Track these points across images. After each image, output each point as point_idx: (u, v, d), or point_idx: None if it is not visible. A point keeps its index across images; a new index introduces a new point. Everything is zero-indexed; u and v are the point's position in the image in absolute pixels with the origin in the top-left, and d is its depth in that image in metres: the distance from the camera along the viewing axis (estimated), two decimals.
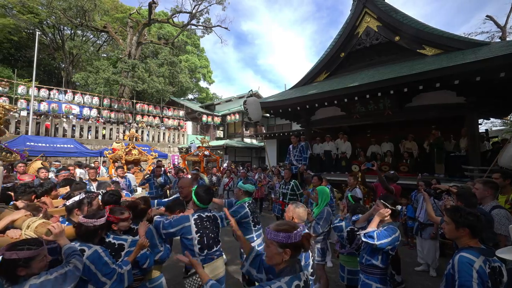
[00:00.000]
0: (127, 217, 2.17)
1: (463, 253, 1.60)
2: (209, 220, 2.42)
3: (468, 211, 1.71)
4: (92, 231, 1.85)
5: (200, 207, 2.44)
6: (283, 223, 1.41)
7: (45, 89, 15.17)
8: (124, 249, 2.09)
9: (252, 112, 6.92)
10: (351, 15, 8.41)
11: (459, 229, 1.68)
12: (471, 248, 1.62)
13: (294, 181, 5.43)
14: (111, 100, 17.92)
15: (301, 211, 2.15)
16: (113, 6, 24.85)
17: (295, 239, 1.29)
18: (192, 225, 2.29)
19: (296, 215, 2.13)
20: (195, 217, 2.33)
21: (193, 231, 2.27)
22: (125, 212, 2.18)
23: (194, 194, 2.45)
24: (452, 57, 6.00)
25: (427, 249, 4.10)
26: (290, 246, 1.29)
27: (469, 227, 1.65)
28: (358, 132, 10.10)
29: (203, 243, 2.30)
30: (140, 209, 2.44)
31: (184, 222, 2.28)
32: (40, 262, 1.44)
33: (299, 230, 1.33)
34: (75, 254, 1.64)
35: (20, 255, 1.36)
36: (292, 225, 1.37)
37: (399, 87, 5.96)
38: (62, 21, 19.15)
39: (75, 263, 1.58)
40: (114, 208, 2.20)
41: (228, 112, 21.18)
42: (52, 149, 10.65)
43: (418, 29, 6.99)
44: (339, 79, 8.34)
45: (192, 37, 29.03)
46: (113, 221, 2.11)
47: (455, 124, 7.21)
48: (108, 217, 2.09)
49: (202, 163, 9.85)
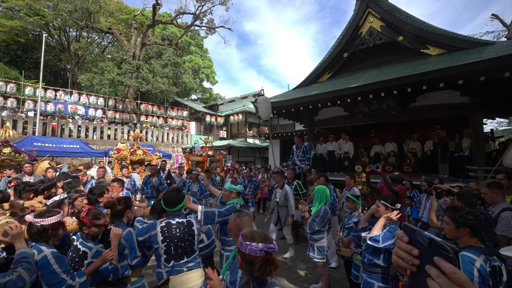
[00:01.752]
0: (101, 224, 2.03)
1: (464, 252, 1.61)
2: (179, 227, 2.20)
3: (468, 211, 1.73)
4: (41, 231, 1.68)
5: (168, 211, 2.27)
6: (255, 232, 1.28)
7: (51, 90, 15.41)
8: (87, 258, 1.95)
9: (262, 110, 6.95)
10: (354, 15, 8.40)
11: (460, 228, 1.70)
12: (472, 248, 1.63)
13: (297, 181, 5.46)
14: (116, 101, 18.12)
15: (244, 221, 1.77)
16: (117, 7, 25.13)
17: (244, 250, 1.19)
18: (158, 233, 2.12)
19: (237, 226, 1.74)
20: (162, 225, 2.17)
21: (159, 239, 2.10)
22: (102, 218, 2.04)
23: (163, 203, 2.28)
24: (456, 57, 5.97)
25: None
26: (240, 254, 1.22)
27: (469, 227, 1.67)
28: (361, 132, 10.07)
29: (170, 253, 2.12)
30: (116, 210, 2.33)
31: (150, 230, 2.14)
32: None
33: (254, 245, 1.18)
34: (24, 261, 1.47)
35: None
36: (255, 236, 1.23)
37: (403, 87, 5.95)
38: (68, 23, 19.43)
39: (20, 272, 1.42)
40: (93, 210, 2.05)
41: (232, 113, 21.25)
42: (59, 149, 10.81)
43: (422, 28, 6.96)
44: (342, 79, 8.34)
45: (196, 37, 29.19)
46: (86, 223, 1.97)
47: (459, 124, 7.16)
48: (82, 217, 1.98)
49: (206, 163, 9.92)
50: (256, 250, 1.17)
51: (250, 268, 1.19)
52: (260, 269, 1.17)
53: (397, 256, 0.58)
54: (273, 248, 1.19)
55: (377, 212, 2.55)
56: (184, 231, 2.21)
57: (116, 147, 10.43)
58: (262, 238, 1.23)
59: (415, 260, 0.54)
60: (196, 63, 28.32)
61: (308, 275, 4.12)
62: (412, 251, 0.55)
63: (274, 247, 1.20)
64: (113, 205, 2.33)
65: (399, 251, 0.58)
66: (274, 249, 1.20)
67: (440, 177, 6.03)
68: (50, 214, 1.74)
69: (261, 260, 1.17)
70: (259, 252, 1.17)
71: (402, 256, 0.57)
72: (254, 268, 1.17)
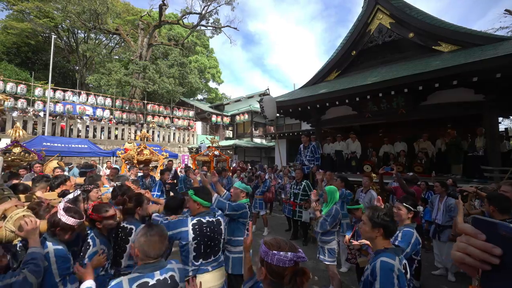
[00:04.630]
0: (111, 215, 2.03)
1: (383, 258, 1.55)
2: (210, 226, 2.20)
3: (385, 212, 1.69)
4: (51, 224, 1.72)
5: (203, 205, 2.24)
6: (279, 239, 1.18)
7: (60, 91, 15.65)
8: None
9: (268, 110, 6.88)
10: (363, 12, 8.24)
11: (374, 229, 1.67)
12: (387, 250, 1.60)
13: (306, 181, 5.36)
14: (123, 101, 18.30)
15: (152, 241, 1.46)
16: (124, 9, 25.40)
17: (271, 261, 1.06)
18: (190, 230, 2.10)
19: (141, 248, 1.43)
20: (193, 222, 2.14)
21: (190, 236, 2.09)
22: (110, 209, 2.04)
23: (195, 194, 2.24)
24: (470, 53, 5.78)
25: (446, 253, 3.94)
26: (265, 265, 1.09)
27: (383, 228, 1.64)
28: (370, 132, 9.89)
29: (199, 251, 2.11)
30: (127, 207, 2.30)
31: (181, 227, 2.11)
32: None
33: (282, 254, 1.06)
34: (31, 263, 1.45)
35: None
36: (281, 244, 1.11)
37: (414, 85, 5.79)
38: (76, 24, 19.71)
39: (27, 274, 1.40)
40: (98, 205, 2.08)
41: (237, 112, 21.22)
42: (67, 149, 10.94)
43: (434, 25, 6.77)
44: (351, 78, 8.19)
45: (202, 37, 29.27)
46: (97, 219, 1.97)
47: (472, 123, 6.95)
48: (90, 215, 1.99)
49: (212, 163, 9.89)
50: (285, 260, 1.05)
51: (278, 281, 1.07)
52: (291, 281, 1.05)
53: (466, 254, 0.50)
54: (302, 258, 1.09)
55: (398, 216, 2.32)
56: (214, 230, 2.21)
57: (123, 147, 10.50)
58: (289, 246, 1.11)
59: (494, 259, 0.46)
60: (202, 63, 28.39)
61: (317, 278, 4.02)
62: (494, 250, 0.47)
63: (303, 256, 1.09)
64: (124, 202, 2.30)
65: (469, 249, 0.49)
66: (303, 258, 1.09)
67: (453, 178, 5.85)
68: (75, 215, 1.74)
69: (291, 271, 1.06)
70: (288, 262, 1.05)
71: (475, 254, 0.49)
72: (283, 281, 1.06)
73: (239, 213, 2.69)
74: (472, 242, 0.50)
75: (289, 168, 7.90)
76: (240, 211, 2.70)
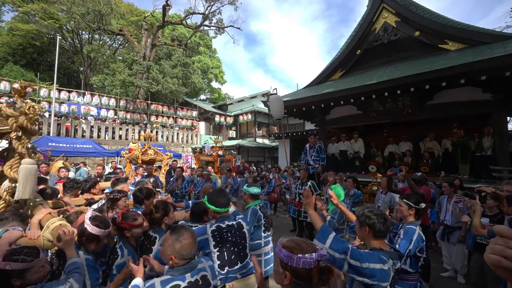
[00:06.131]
0: (140, 223, 2.00)
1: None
2: (231, 231, 2.10)
3: (371, 209, 1.68)
4: (79, 233, 1.71)
5: (219, 212, 2.15)
6: (296, 239, 1.15)
7: (65, 91, 15.77)
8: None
9: (275, 109, 6.83)
10: (368, 11, 8.18)
11: (362, 228, 1.66)
12: (382, 251, 1.56)
13: (312, 181, 5.31)
14: (127, 102, 18.39)
15: (184, 245, 1.46)
16: (128, 9, 25.54)
17: (297, 264, 1.03)
18: (210, 238, 2.01)
19: (175, 253, 1.44)
20: (212, 229, 2.05)
21: (211, 245, 2.00)
22: (138, 218, 2.02)
23: (208, 201, 2.16)
24: (478, 52, 5.69)
25: (456, 254, 3.88)
26: (290, 270, 1.06)
27: (369, 226, 1.62)
28: (374, 131, 9.81)
29: (223, 259, 2.01)
30: (154, 217, 2.25)
31: (200, 235, 1.98)
32: (36, 273, 1.37)
33: (307, 256, 1.04)
34: (76, 272, 1.48)
35: (13, 267, 1.29)
36: (303, 246, 1.09)
37: (420, 84, 5.72)
38: (81, 25, 19.85)
39: (73, 283, 1.43)
40: (127, 213, 2.05)
41: (241, 112, 21.21)
42: (72, 150, 11.01)
43: (440, 23, 6.69)
44: (355, 77, 8.13)
45: (205, 38, 29.33)
46: (126, 227, 1.96)
47: (479, 122, 6.85)
48: (120, 223, 1.96)
49: (216, 163, 9.88)
50: (311, 261, 1.03)
51: (305, 282, 1.05)
52: (319, 281, 1.05)
53: (503, 257, 0.46)
54: (325, 255, 1.07)
55: (399, 212, 2.39)
56: (236, 234, 2.13)
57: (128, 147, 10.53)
58: (311, 246, 1.09)
59: None
60: (205, 63, 28.44)
61: None
62: None
63: (325, 254, 1.09)
64: (151, 212, 2.26)
65: (507, 251, 0.46)
66: (325, 256, 1.08)
67: (460, 178, 5.77)
68: (101, 224, 1.72)
69: (317, 270, 1.05)
70: (314, 263, 1.03)
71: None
72: (312, 282, 1.04)
73: (251, 225, 2.65)
74: (511, 245, 0.47)
75: (293, 168, 7.84)
76: (252, 224, 2.66)
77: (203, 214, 2.45)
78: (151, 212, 2.26)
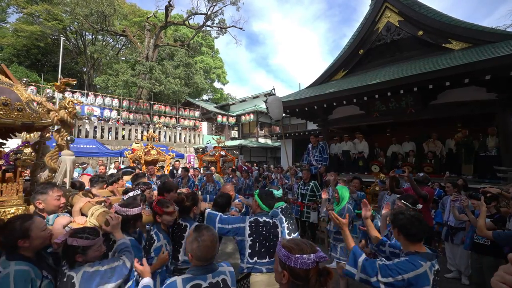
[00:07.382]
0: (171, 211, 2.15)
1: None
2: (266, 226, 2.25)
3: (400, 211, 1.67)
4: (125, 220, 1.84)
5: (261, 208, 2.34)
6: (296, 240, 1.17)
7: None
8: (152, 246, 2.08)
9: (273, 110, 6.83)
10: (371, 10, 8.13)
11: (395, 229, 1.64)
12: (418, 254, 1.54)
13: (314, 182, 5.31)
14: (130, 102, 18.49)
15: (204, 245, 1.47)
16: (131, 10, 25.67)
17: (295, 264, 1.04)
18: (247, 227, 2.21)
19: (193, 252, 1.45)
20: (251, 220, 2.25)
21: (246, 233, 2.19)
22: (170, 206, 2.16)
23: (258, 195, 2.37)
24: (483, 51, 5.64)
25: (459, 255, 3.85)
26: (288, 269, 1.07)
27: (398, 228, 1.61)
28: (377, 132, 9.75)
29: (254, 249, 2.17)
30: (184, 205, 2.41)
31: (240, 222, 2.25)
32: (95, 251, 1.50)
33: (305, 257, 1.04)
34: (127, 250, 1.63)
35: (79, 243, 1.43)
36: (302, 246, 1.09)
37: (424, 84, 5.67)
38: (84, 26, 20.02)
39: (125, 260, 1.57)
40: (162, 200, 2.22)
41: (243, 112, 21.22)
42: (76, 150, 11.09)
43: (444, 22, 6.63)
44: (358, 77, 8.09)
45: (207, 38, 29.38)
46: (158, 212, 2.11)
47: (483, 122, 6.77)
48: (154, 207, 2.13)
49: (219, 163, 9.90)
50: (309, 262, 1.03)
51: (303, 283, 1.06)
52: (317, 282, 1.05)
53: (504, 283, 0.46)
54: (324, 257, 1.07)
55: None
56: (270, 231, 2.25)
57: (131, 147, 10.59)
58: (310, 247, 1.09)
59: None
60: (207, 63, 28.50)
61: None
62: None
63: (324, 256, 1.07)
64: (182, 201, 2.42)
65: (507, 277, 0.46)
66: (325, 258, 1.07)
67: (464, 178, 5.72)
68: (133, 205, 1.92)
69: (315, 272, 1.06)
70: (312, 264, 1.04)
71: None
72: (309, 283, 1.05)
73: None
74: None
75: (295, 168, 7.83)
76: None
77: (226, 206, 2.59)
78: (183, 200, 2.41)
